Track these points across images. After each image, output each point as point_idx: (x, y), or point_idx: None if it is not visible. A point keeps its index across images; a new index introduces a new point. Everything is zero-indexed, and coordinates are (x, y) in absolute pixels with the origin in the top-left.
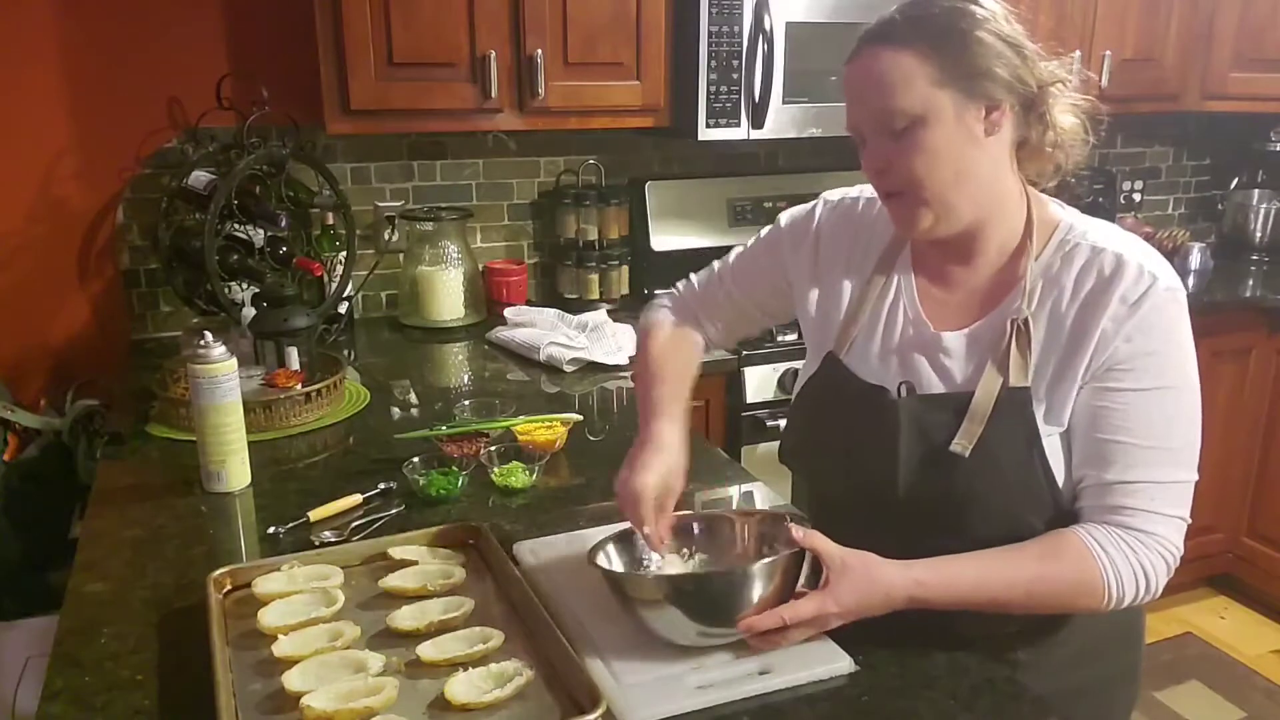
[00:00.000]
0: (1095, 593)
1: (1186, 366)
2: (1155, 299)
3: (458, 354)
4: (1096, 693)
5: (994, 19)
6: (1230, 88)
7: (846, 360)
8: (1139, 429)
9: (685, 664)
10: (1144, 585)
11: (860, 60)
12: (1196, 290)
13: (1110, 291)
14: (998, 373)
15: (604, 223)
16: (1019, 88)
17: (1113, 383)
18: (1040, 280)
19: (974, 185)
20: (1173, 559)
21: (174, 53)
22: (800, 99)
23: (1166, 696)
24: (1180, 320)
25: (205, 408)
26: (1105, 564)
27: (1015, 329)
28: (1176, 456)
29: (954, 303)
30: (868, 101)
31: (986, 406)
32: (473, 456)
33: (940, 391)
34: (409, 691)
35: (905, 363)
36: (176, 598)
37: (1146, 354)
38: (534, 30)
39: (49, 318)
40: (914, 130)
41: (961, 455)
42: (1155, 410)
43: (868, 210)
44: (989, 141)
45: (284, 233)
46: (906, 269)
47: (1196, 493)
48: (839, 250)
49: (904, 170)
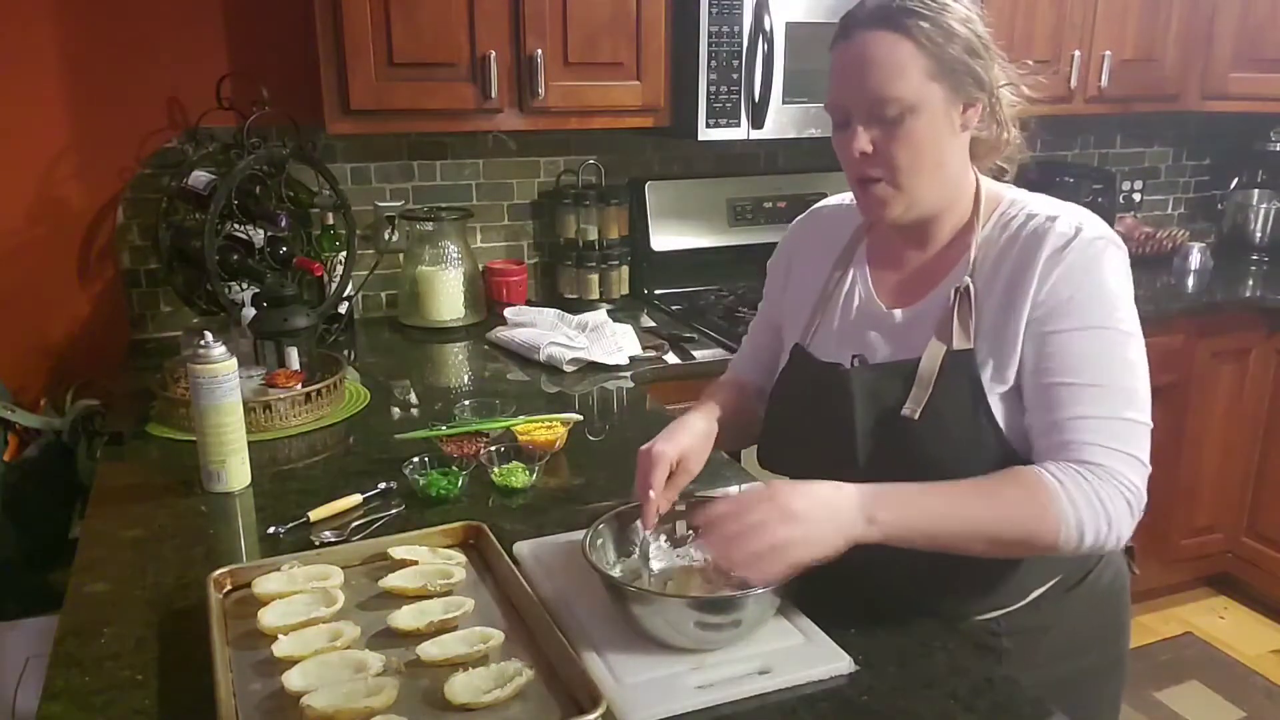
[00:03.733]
0: (1050, 523)
1: (1116, 310)
2: (1080, 247)
3: (458, 354)
4: (1082, 685)
5: (976, 20)
6: (1230, 88)
7: (810, 348)
8: (1076, 368)
9: (685, 664)
10: (1104, 521)
11: (856, 42)
12: (1196, 290)
13: (1041, 248)
14: (940, 339)
15: (604, 223)
16: (989, 87)
17: (1046, 327)
18: (982, 251)
19: (945, 176)
20: (1133, 498)
21: (174, 53)
22: (800, 99)
23: (1166, 696)
24: (1107, 266)
25: (205, 408)
26: (1059, 493)
27: (958, 296)
28: (1120, 395)
29: (904, 283)
30: (862, 85)
31: (932, 370)
32: (473, 456)
33: (889, 360)
34: (409, 691)
35: (859, 340)
36: (176, 598)
37: (1070, 298)
38: (534, 30)
39: (49, 318)
40: (904, 119)
41: (912, 418)
42: (1089, 349)
43: (832, 216)
44: (963, 136)
45: (284, 233)
46: (862, 261)
47: (1197, 492)
48: (805, 258)
49: (888, 158)
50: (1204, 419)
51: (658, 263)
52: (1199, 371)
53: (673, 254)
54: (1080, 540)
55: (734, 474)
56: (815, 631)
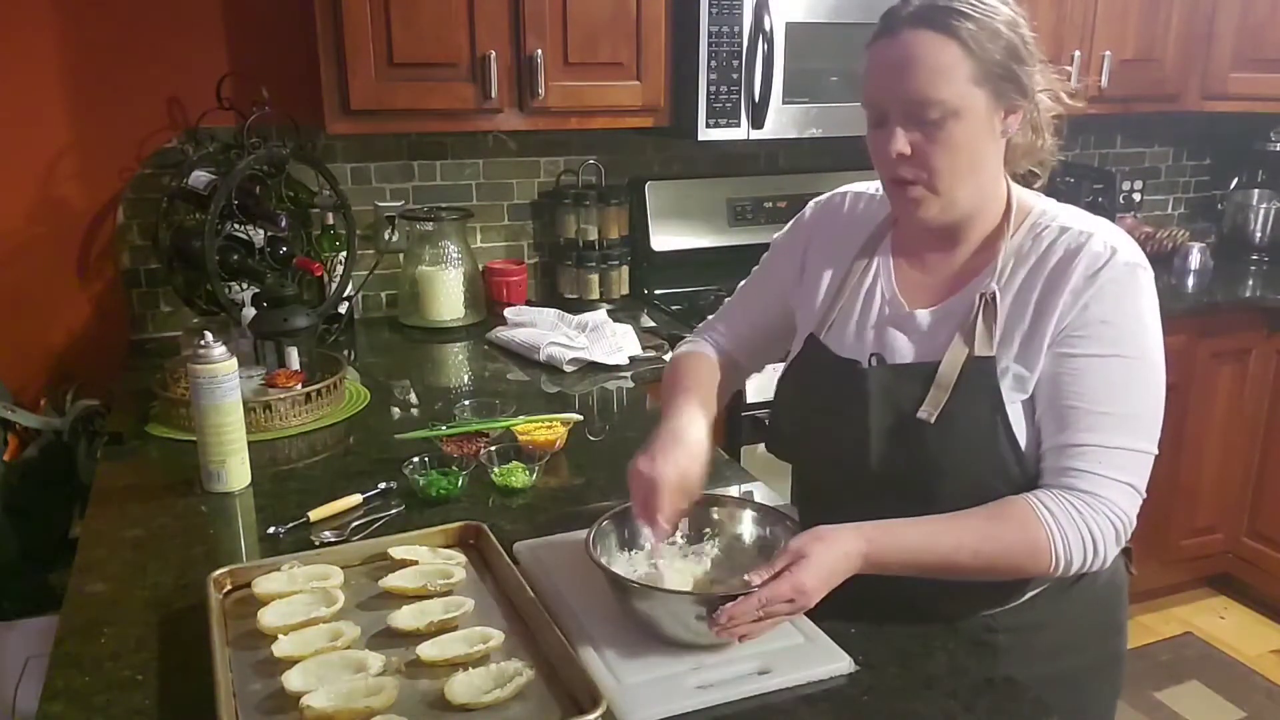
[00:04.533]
0: (1041, 555)
1: (1143, 339)
2: (1114, 271)
3: (458, 354)
4: (1077, 682)
5: (1023, 24)
6: (1230, 88)
7: (825, 340)
8: (1090, 394)
9: (685, 664)
10: (1091, 550)
11: (901, 40)
12: (1196, 290)
13: (1074, 265)
14: (964, 343)
15: (604, 223)
16: (1031, 94)
17: (1069, 348)
18: (1011, 259)
19: (981, 181)
20: (1122, 526)
21: (174, 52)
22: (800, 99)
23: (1167, 696)
24: (1138, 293)
25: (205, 408)
26: (1051, 527)
27: (983, 302)
28: (1127, 424)
29: (930, 283)
30: (903, 85)
31: (952, 375)
32: (473, 456)
33: (909, 361)
34: (409, 691)
35: (879, 338)
36: (176, 598)
37: (1101, 321)
38: (534, 30)
39: (49, 318)
40: (945, 122)
41: (928, 422)
42: (1108, 377)
43: (854, 205)
44: (1000, 141)
45: (284, 233)
46: (887, 253)
47: (1197, 493)
48: (825, 243)
49: (926, 161)
50: (1204, 419)
51: (658, 263)
52: (1199, 371)
53: (673, 254)
54: (1067, 569)
55: (734, 474)
56: (815, 632)
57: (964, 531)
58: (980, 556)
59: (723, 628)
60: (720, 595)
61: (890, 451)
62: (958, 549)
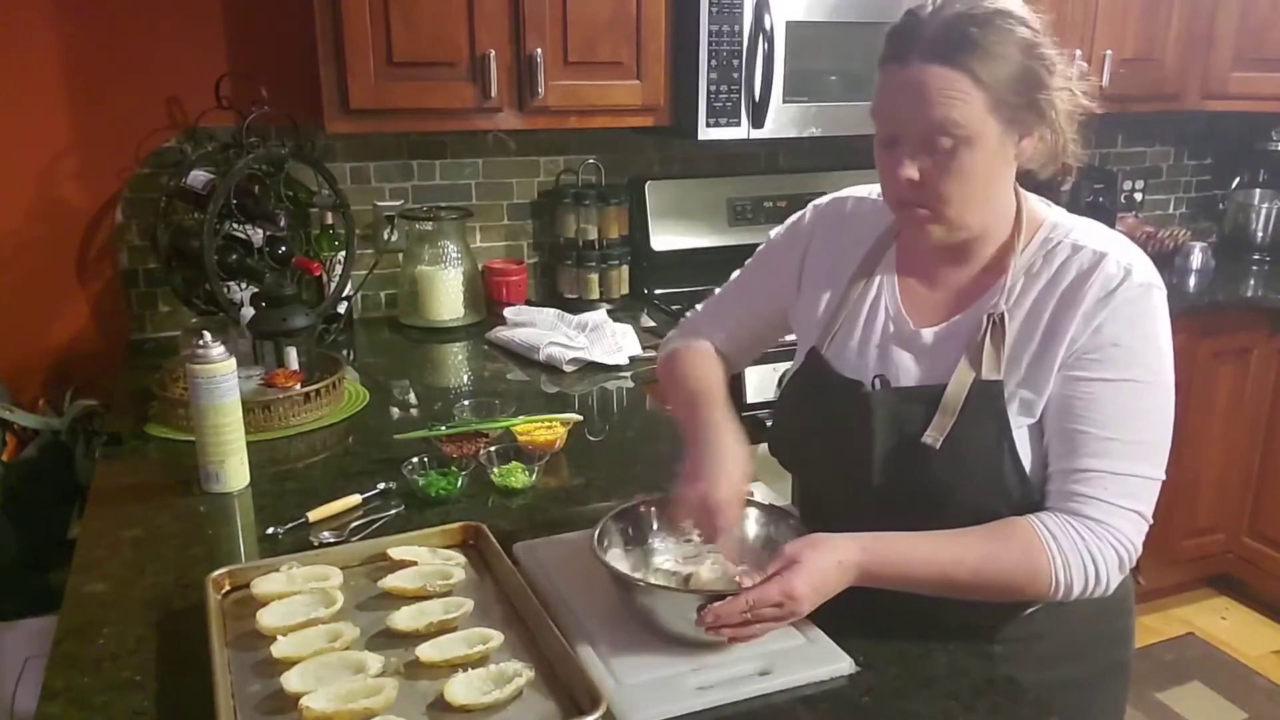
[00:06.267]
0: (1041, 579)
1: (1156, 363)
2: (1128, 292)
3: (457, 354)
4: (1079, 689)
5: (1042, 43)
6: (1230, 87)
7: (827, 355)
8: (1101, 419)
9: (685, 665)
10: (1092, 575)
11: (912, 71)
12: (1197, 290)
13: (1087, 287)
14: (970, 366)
15: (604, 222)
16: (1049, 118)
17: (1081, 371)
18: (1021, 277)
19: (991, 204)
20: (1125, 553)
21: (173, 52)
22: (800, 98)
23: (1168, 697)
24: (1153, 316)
25: (204, 408)
26: (1053, 550)
27: (990, 323)
28: (1137, 450)
29: (936, 300)
30: (915, 113)
31: (958, 399)
32: (472, 456)
33: (914, 384)
34: (408, 692)
35: (883, 357)
36: (176, 598)
37: (1114, 345)
38: (534, 29)
39: (48, 318)
40: (957, 151)
41: (933, 447)
42: (1119, 401)
43: (856, 210)
44: (1013, 164)
45: (283, 232)
46: (890, 268)
47: (1198, 493)
48: (827, 250)
49: (936, 188)
50: (1205, 419)
51: (658, 262)
52: (1200, 371)
53: (673, 254)
54: (1066, 594)
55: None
56: (816, 632)
57: (964, 549)
58: (979, 575)
59: (710, 626)
60: (712, 594)
61: (893, 473)
62: (957, 566)
